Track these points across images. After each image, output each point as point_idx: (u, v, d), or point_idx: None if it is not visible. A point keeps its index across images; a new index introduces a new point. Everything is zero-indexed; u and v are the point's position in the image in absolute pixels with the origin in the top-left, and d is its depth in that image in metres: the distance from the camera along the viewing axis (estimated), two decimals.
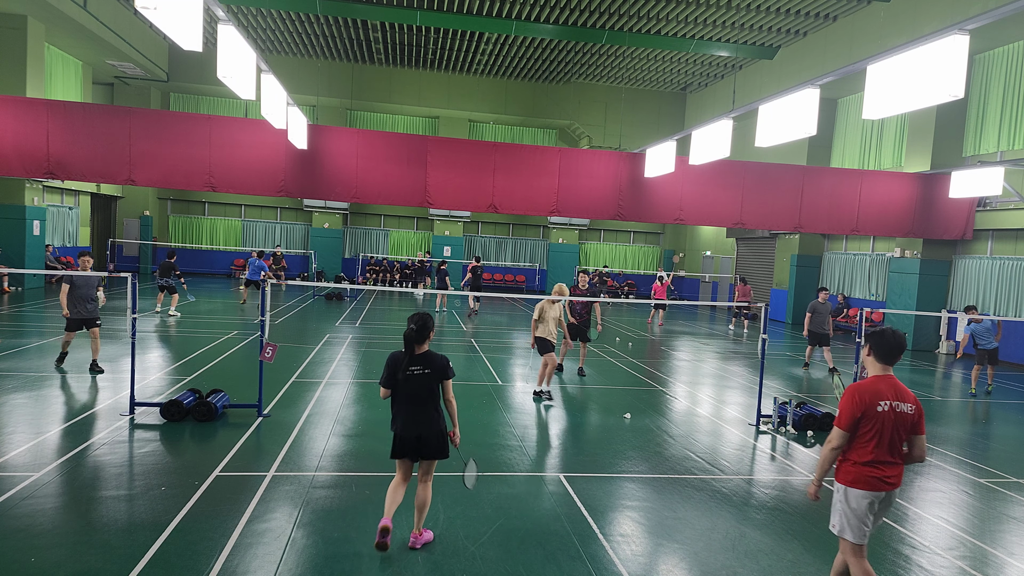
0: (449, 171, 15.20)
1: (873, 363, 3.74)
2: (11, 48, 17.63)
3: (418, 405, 4.41)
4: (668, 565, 4.56)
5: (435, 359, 4.47)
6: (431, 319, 4.50)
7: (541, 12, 19.00)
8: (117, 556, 4.19)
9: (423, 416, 4.42)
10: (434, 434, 4.46)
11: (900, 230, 16.64)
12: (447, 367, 4.50)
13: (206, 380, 8.97)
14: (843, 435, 3.64)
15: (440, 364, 4.47)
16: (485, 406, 8.60)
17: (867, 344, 3.81)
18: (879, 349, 3.70)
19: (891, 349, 3.69)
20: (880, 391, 3.62)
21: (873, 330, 3.83)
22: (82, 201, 23.55)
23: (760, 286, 24.90)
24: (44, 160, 13.51)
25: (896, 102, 7.62)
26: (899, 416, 3.61)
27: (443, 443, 4.49)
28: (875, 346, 3.72)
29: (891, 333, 3.70)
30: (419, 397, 4.41)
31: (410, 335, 4.37)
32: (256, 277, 17.38)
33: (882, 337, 3.71)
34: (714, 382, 11.46)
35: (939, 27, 13.77)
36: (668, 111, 28.13)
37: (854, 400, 3.62)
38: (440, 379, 4.46)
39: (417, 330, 4.38)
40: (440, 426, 4.48)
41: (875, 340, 3.73)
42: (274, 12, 20.88)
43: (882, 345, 3.70)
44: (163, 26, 6.54)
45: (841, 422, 3.64)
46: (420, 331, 4.39)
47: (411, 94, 27.00)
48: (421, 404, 4.41)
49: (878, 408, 3.58)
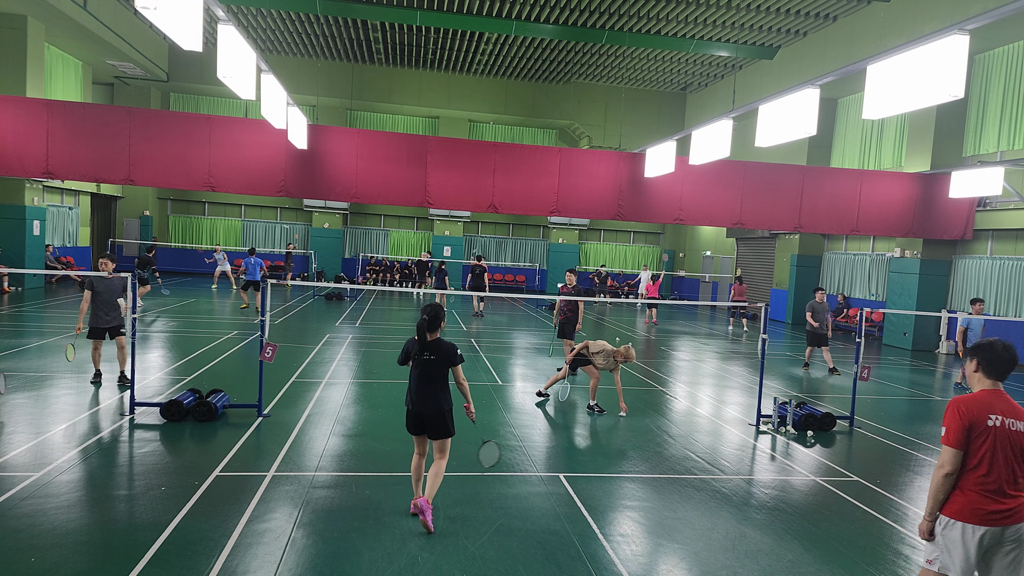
0: (449, 171, 15.20)
1: (981, 379, 3.29)
2: (11, 48, 17.63)
3: (424, 385, 4.85)
4: (668, 565, 4.56)
5: (443, 347, 4.89)
6: (442, 310, 4.90)
7: (541, 12, 19.00)
8: (117, 556, 4.19)
9: (426, 397, 4.84)
10: (433, 415, 4.84)
11: (900, 230, 16.64)
12: (454, 354, 4.90)
13: (206, 380, 8.97)
14: (956, 454, 3.14)
15: (447, 352, 4.89)
16: (485, 406, 8.60)
17: (973, 358, 3.34)
18: (989, 364, 3.26)
19: (1003, 363, 3.25)
20: (990, 404, 3.17)
21: (980, 343, 3.34)
22: (82, 201, 23.55)
23: (760, 286, 24.90)
24: (44, 160, 13.51)
25: (896, 102, 7.62)
26: (1014, 435, 3.13)
27: (443, 423, 4.88)
28: (984, 360, 3.28)
29: (1002, 346, 3.26)
30: (426, 379, 4.85)
31: (422, 324, 4.78)
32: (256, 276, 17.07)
33: (992, 351, 3.26)
34: (714, 382, 11.46)
35: (939, 27, 13.78)
36: (668, 111, 28.13)
37: (959, 412, 3.16)
38: (448, 365, 4.89)
39: (429, 320, 4.79)
40: (441, 408, 4.85)
41: (984, 354, 3.28)
42: (274, 12, 20.88)
43: (992, 360, 3.25)
44: (163, 26, 6.54)
45: (949, 438, 3.15)
46: (432, 321, 4.80)
47: (411, 94, 27.00)
48: (427, 385, 4.85)
49: (988, 422, 3.12)
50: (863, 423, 8.71)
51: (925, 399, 10.89)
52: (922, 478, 6.72)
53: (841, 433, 8.23)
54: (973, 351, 3.35)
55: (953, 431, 3.16)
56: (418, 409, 4.86)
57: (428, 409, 4.85)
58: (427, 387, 4.84)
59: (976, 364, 3.32)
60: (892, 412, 9.65)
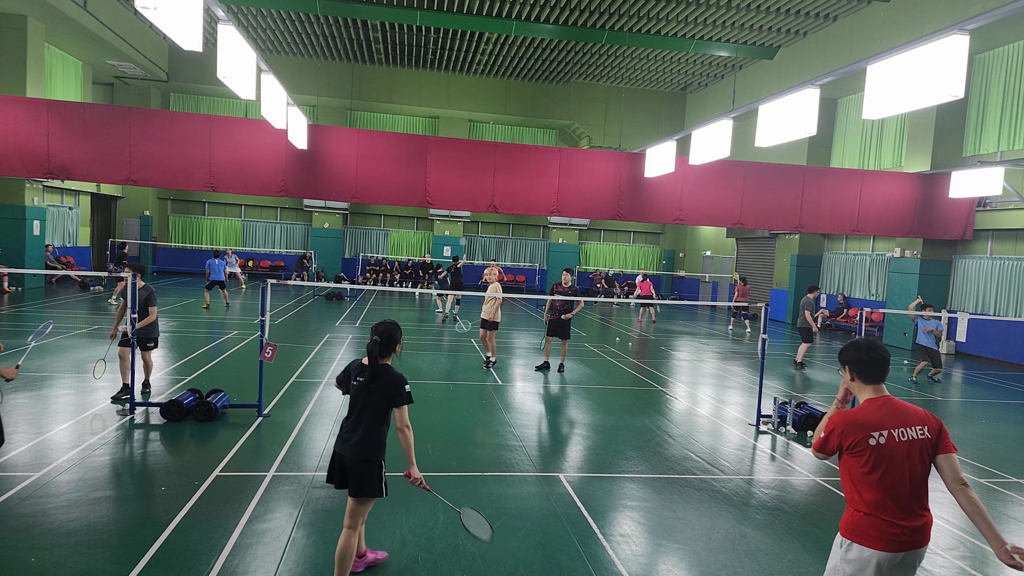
0: (449, 171, 15.19)
1: (860, 386, 2.93)
2: (11, 48, 17.63)
3: (354, 420, 3.83)
4: (668, 565, 4.56)
5: (388, 377, 3.80)
6: (398, 329, 3.91)
7: (541, 12, 18.99)
8: (117, 556, 4.19)
9: (353, 434, 3.79)
10: (356, 461, 3.76)
11: (900, 230, 16.63)
12: (400, 390, 3.75)
13: (206, 380, 8.97)
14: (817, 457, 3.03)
15: (390, 384, 3.77)
16: (485, 406, 8.60)
17: (843, 363, 2.97)
18: (859, 366, 2.90)
19: (873, 363, 2.88)
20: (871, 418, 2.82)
21: (846, 345, 2.99)
22: (82, 201, 23.55)
23: (760, 286, 24.90)
24: (44, 160, 13.51)
25: (896, 102, 7.62)
26: (908, 446, 2.78)
27: (368, 476, 3.77)
28: (853, 364, 2.92)
29: (867, 344, 2.92)
30: (358, 411, 3.81)
31: (372, 347, 3.76)
32: (220, 277, 17.18)
33: (857, 351, 2.91)
34: (714, 382, 11.46)
35: (939, 27, 13.78)
36: (668, 111, 28.13)
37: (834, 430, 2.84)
38: (387, 402, 3.78)
39: (381, 343, 3.80)
40: (369, 454, 3.76)
41: (851, 356, 2.93)
42: (274, 12, 20.88)
43: (861, 361, 2.90)
44: (163, 26, 6.54)
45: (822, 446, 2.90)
46: (384, 344, 3.82)
47: (411, 94, 27.00)
48: (356, 420, 3.81)
49: (870, 442, 2.77)
50: None
51: (925, 399, 10.89)
52: None
53: None
54: (841, 355, 2.98)
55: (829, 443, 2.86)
56: (340, 449, 3.83)
57: (349, 450, 3.77)
58: (356, 422, 3.81)
59: (850, 372, 2.94)
60: None
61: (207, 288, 17.39)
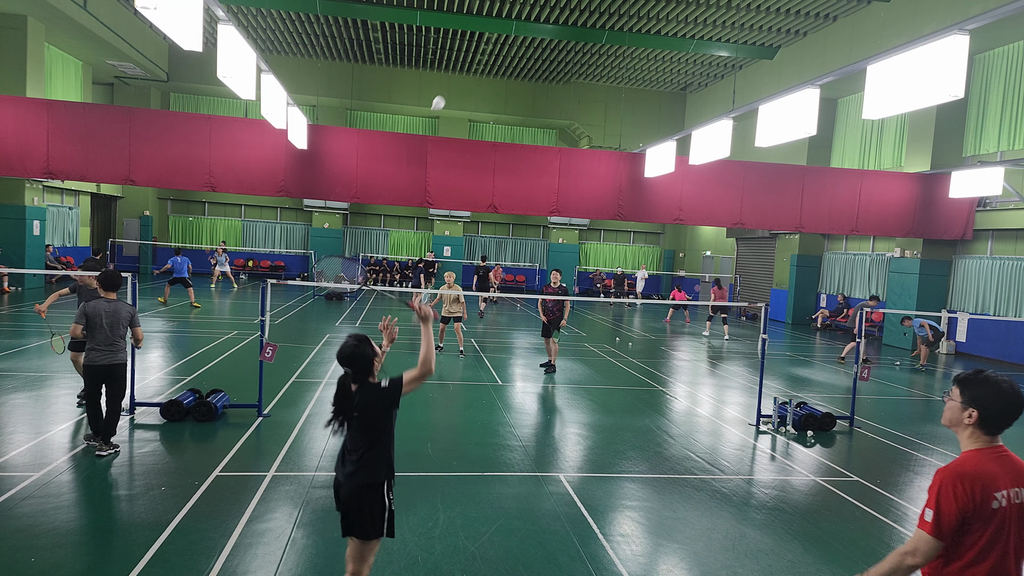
0: (449, 171, 15.19)
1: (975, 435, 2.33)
2: (11, 48, 17.62)
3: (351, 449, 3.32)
4: (668, 565, 4.56)
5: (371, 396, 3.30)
6: (368, 345, 3.37)
7: (541, 12, 18.99)
8: (117, 556, 4.19)
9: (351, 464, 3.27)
10: (356, 488, 3.24)
11: (900, 230, 16.63)
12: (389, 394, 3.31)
13: (206, 380, 8.97)
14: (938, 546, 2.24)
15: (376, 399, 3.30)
16: (485, 406, 8.60)
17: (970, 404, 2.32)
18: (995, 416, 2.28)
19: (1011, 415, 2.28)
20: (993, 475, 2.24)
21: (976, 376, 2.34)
22: (82, 201, 23.55)
23: (760, 286, 24.91)
24: (44, 160, 13.50)
25: (896, 102, 7.62)
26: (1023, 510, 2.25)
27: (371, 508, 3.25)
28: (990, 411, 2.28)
29: (1010, 388, 2.28)
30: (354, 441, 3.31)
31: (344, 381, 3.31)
32: (184, 274, 17.43)
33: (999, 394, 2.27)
34: (714, 382, 11.46)
35: (939, 27, 13.78)
36: (668, 111, 28.13)
37: (957, 492, 2.21)
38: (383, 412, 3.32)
39: (355, 373, 3.32)
40: (372, 479, 3.25)
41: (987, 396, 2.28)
42: (274, 12, 20.88)
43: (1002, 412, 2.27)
44: (163, 26, 6.54)
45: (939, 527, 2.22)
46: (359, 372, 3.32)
47: (411, 94, 26.99)
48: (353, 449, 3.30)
49: (992, 504, 2.21)
50: (863, 423, 8.71)
51: (925, 399, 10.89)
52: (922, 478, 6.72)
53: (841, 433, 8.23)
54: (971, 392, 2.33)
55: (947, 518, 2.21)
56: (338, 474, 3.35)
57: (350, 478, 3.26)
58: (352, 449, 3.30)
59: (976, 416, 2.30)
60: (892, 412, 9.65)
61: (168, 284, 17.77)
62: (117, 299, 6.24)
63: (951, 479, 2.24)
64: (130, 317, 6.23)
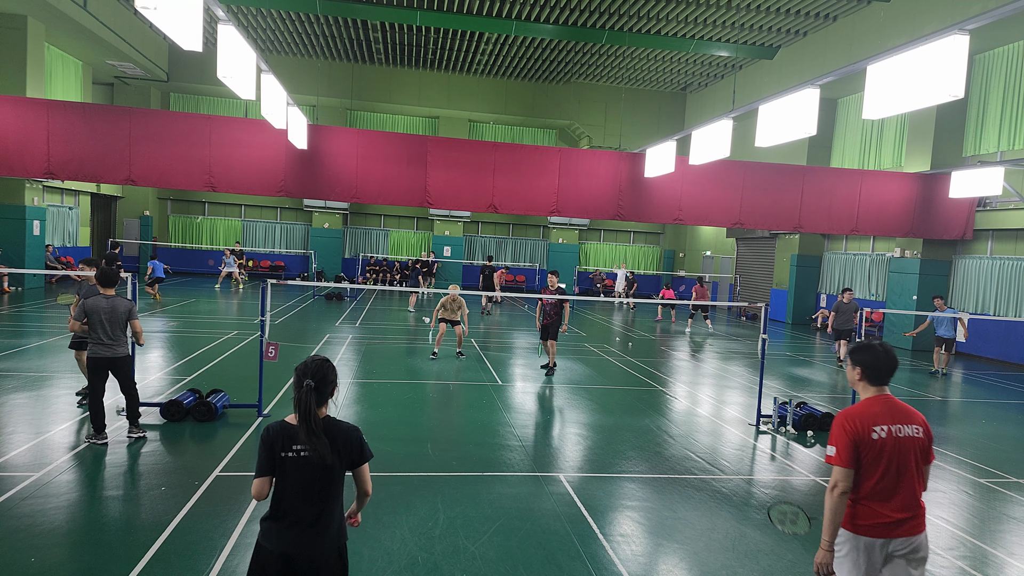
0: (449, 171, 15.19)
1: (865, 386, 3.15)
2: (11, 48, 17.62)
3: (303, 501, 2.77)
4: (668, 565, 4.56)
5: (342, 430, 2.84)
6: (332, 369, 2.87)
7: (541, 12, 18.99)
8: (117, 556, 4.19)
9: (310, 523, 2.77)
10: (322, 555, 2.77)
11: (900, 230, 16.63)
12: (362, 446, 2.88)
13: (206, 380, 8.97)
14: (847, 474, 2.97)
15: (349, 439, 2.84)
16: (485, 406, 8.60)
17: (855, 365, 3.16)
18: (871, 370, 3.11)
19: (885, 368, 3.10)
20: (874, 413, 3.02)
21: (859, 345, 3.20)
22: (82, 201, 23.55)
23: (760, 286, 24.91)
24: (44, 160, 13.50)
25: (896, 102, 7.62)
26: (903, 442, 3.00)
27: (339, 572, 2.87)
28: (866, 366, 3.11)
29: (883, 350, 3.11)
30: (309, 491, 2.78)
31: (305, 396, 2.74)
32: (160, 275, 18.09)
33: (873, 355, 3.10)
34: (714, 382, 11.46)
35: (939, 27, 13.78)
36: (668, 111, 28.13)
37: (845, 428, 3.00)
38: (350, 464, 2.87)
39: (317, 389, 2.76)
40: (337, 542, 2.86)
41: (864, 358, 3.12)
42: (274, 12, 20.88)
43: (874, 365, 3.10)
44: (163, 26, 6.54)
45: (839, 458, 2.99)
46: (320, 391, 2.79)
47: (411, 94, 26.99)
48: (310, 503, 2.78)
49: (873, 435, 2.98)
50: None
51: (925, 399, 10.89)
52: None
53: None
54: (855, 355, 3.16)
55: (842, 450, 2.99)
56: (286, 547, 2.73)
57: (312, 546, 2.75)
58: (307, 504, 2.77)
59: (860, 372, 3.13)
60: None
61: (148, 285, 18.18)
62: (115, 295, 6.36)
63: (841, 419, 3.05)
64: (128, 312, 6.34)
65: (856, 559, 3.00)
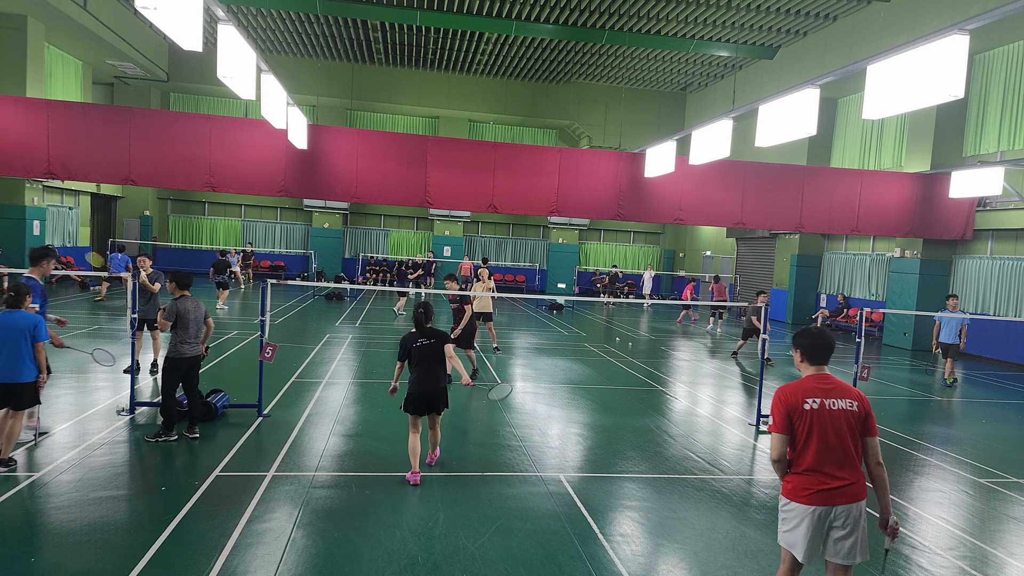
0: (449, 171, 15.19)
1: (806, 367, 3.50)
2: (11, 48, 17.62)
3: (427, 367, 5.72)
4: (668, 565, 4.56)
5: (437, 332, 5.89)
6: (431, 305, 5.96)
7: (541, 12, 18.99)
8: (117, 556, 4.19)
9: (432, 375, 5.73)
10: (439, 390, 5.80)
11: (900, 230, 16.63)
12: (447, 335, 5.93)
13: (206, 380, 8.95)
14: (781, 439, 3.31)
15: (441, 334, 5.90)
16: (486, 406, 8.60)
17: (796, 347, 3.53)
18: (808, 350, 3.48)
19: (820, 349, 3.46)
20: (807, 388, 3.36)
21: (800, 331, 3.57)
22: (82, 201, 23.55)
23: (760, 286, 24.89)
24: (44, 160, 13.50)
25: (896, 102, 7.63)
26: (835, 414, 3.30)
27: (445, 397, 5.87)
28: (804, 349, 3.49)
29: (818, 333, 3.49)
30: (429, 362, 5.73)
31: (419, 317, 5.82)
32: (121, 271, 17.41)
33: (809, 338, 3.48)
34: (714, 382, 11.45)
35: (939, 27, 13.78)
36: (668, 111, 28.13)
37: (780, 399, 3.36)
38: (443, 344, 5.81)
39: (425, 313, 5.85)
40: (443, 384, 5.82)
41: (803, 341, 3.50)
42: (274, 12, 20.88)
43: (810, 346, 3.47)
44: (163, 26, 6.54)
45: (775, 425, 3.35)
46: (427, 314, 5.86)
47: (411, 94, 27.00)
48: (429, 367, 5.72)
49: (804, 406, 3.30)
50: None
51: (925, 399, 10.89)
52: (922, 478, 6.72)
53: None
54: (795, 340, 3.55)
55: (777, 417, 3.35)
56: (427, 388, 5.69)
57: (435, 385, 5.72)
58: (430, 368, 5.71)
59: (800, 353, 3.51)
60: (892, 412, 9.65)
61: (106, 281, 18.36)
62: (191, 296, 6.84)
63: (778, 392, 3.41)
64: (204, 313, 6.91)
65: (806, 529, 3.27)
